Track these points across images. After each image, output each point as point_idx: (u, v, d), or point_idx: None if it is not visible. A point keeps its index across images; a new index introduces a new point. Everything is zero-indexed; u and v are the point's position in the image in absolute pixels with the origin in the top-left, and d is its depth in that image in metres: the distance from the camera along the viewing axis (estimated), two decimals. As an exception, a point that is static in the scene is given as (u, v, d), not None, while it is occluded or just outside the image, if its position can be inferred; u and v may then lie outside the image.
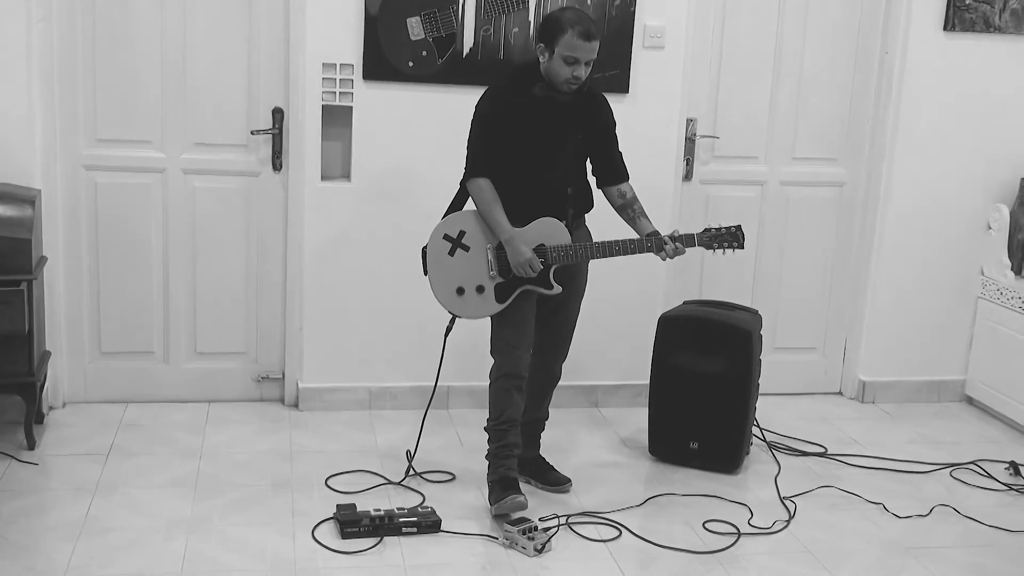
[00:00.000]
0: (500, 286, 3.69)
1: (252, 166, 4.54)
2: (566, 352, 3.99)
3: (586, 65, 3.58)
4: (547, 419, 4.06)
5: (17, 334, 3.87)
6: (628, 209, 3.79)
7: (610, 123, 3.81)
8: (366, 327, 4.62)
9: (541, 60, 3.64)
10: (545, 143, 3.68)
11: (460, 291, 3.71)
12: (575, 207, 3.75)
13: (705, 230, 3.74)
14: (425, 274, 3.77)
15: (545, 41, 3.60)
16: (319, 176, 4.48)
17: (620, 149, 3.86)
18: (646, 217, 3.79)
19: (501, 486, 3.71)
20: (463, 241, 3.70)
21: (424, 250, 3.77)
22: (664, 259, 3.70)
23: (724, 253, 3.76)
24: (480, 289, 3.70)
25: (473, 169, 3.68)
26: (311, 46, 4.34)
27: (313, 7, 4.32)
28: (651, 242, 3.68)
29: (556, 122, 3.67)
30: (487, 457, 3.82)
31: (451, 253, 3.71)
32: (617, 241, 3.68)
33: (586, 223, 3.86)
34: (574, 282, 3.84)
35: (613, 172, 3.83)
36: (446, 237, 3.72)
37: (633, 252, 3.69)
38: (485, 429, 3.84)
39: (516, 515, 3.64)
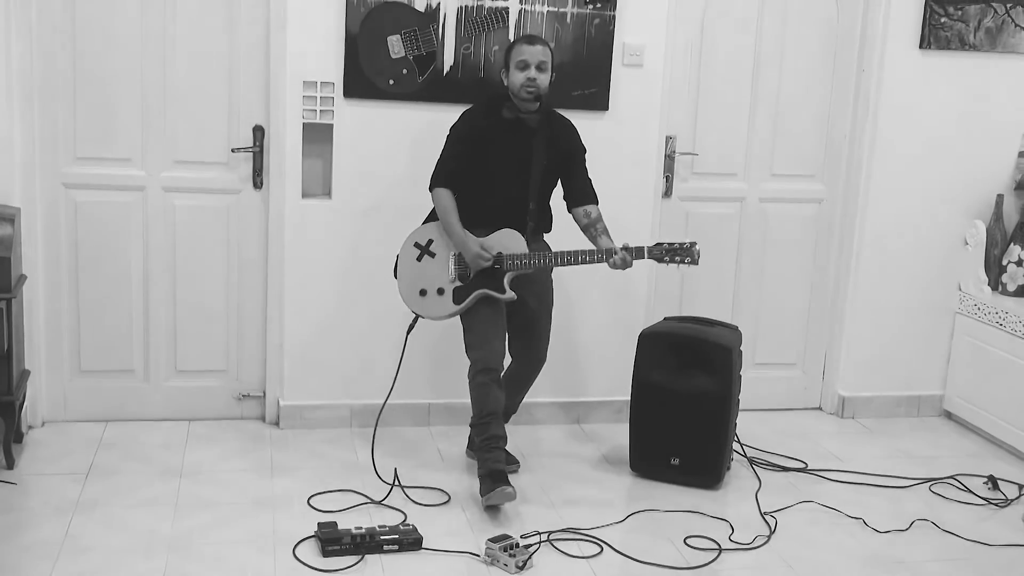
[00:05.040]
0: (458, 290, 3.99)
1: (233, 184, 4.54)
2: (544, 350, 4.22)
3: (539, 69, 3.89)
4: (515, 410, 4.34)
5: (-4, 353, 3.86)
6: (591, 228, 4.04)
7: (576, 149, 4.10)
8: (347, 345, 4.61)
9: (504, 82, 4.00)
10: (511, 161, 3.98)
11: (423, 292, 4.03)
12: (535, 221, 4.03)
13: (657, 244, 3.89)
14: (395, 278, 4.08)
15: (504, 63, 4.00)
16: (300, 193, 4.48)
17: (589, 174, 4.11)
18: (607, 236, 4.01)
19: (491, 479, 3.85)
20: (430, 248, 4.03)
21: (397, 256, 4.09)
22: (612, 268, 3.88)
23: (678, 267, 3.91)
24: (440, 291, 4.01)
25: (436, 179, 4.02)
26: (292, 64, 4.36)
27: (294, 25, 4.33)
28: (601, 253, 3.89)
29: (522, 142, 3.97)
30: (475, 452, 3.98)
31: (419, 259, 4.04)
32: (570, 251, 3.92)
33: (544, 239, 4.12)
34: (538, 295, 4.12)
35: (581, 195, 4.08)
36: (416, 244, 4.05)
37: (584, 262, 3.90)
38: (470, 425, 4.02)
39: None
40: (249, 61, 4.43)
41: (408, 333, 4.10)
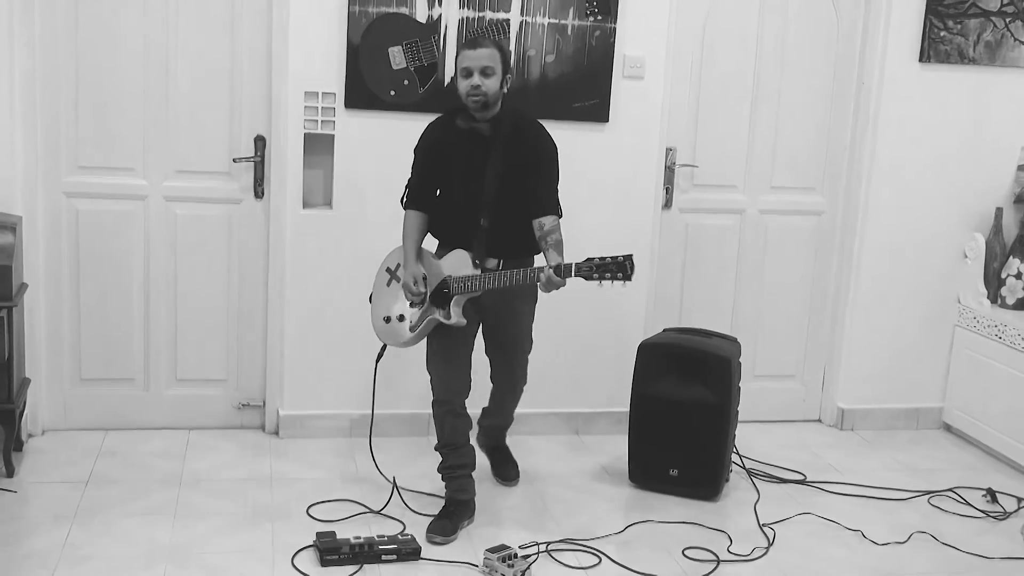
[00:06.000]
0: (413, 316, 3.84)
1: (234, 193, 4.55)
2: (518, 380, 4.10)
3: (483, 75, 3.61)
4: (510, 422, 4.27)
5: (-4, 361, 3.87)
6: (543, 241, 3.67)
7: (536, 155, 3.73)
8: (347, 354, 4.62)
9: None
10: (462, 174, 3.75)
11: (387, 319, 3.91)
12: (490, 240, 3.71)
13: (587, 260, 3.48)
14: (370, 303, 4.00)
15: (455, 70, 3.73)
16: (301, 204, 4.49)
17: (556, 183, 3.77)
18: (556, 251, 3.63)
19: (442, 509, 3.87)
20: (397, 273, 3.89)
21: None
22: (542, 290, 3.56)
23: (612, 285, 3.46)
24: (400, 318, 3.87)
25: (402, 201, 3.88)
26: (293, 74, 4.37)
27: (296, 36, 4.35)
28: (534, 272, 3.55)
29: (474, 153, 3.72)
30: (441, 476, 3.99)
31: (388, 284, 3.92)
32: (506, 271, 3.61)
33: (528, 263, 3.79)
34: (501, 318, 3.89)
35: (535, 205, 3.70)
36: (387, 270, 3.93)
37: (519, 282, 3.58)
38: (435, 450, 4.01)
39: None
40: (251, 71, 4.45)
41: (377, 360, 4.04)
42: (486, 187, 3.69)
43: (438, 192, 3.85)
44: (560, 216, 3.73)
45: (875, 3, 4.84)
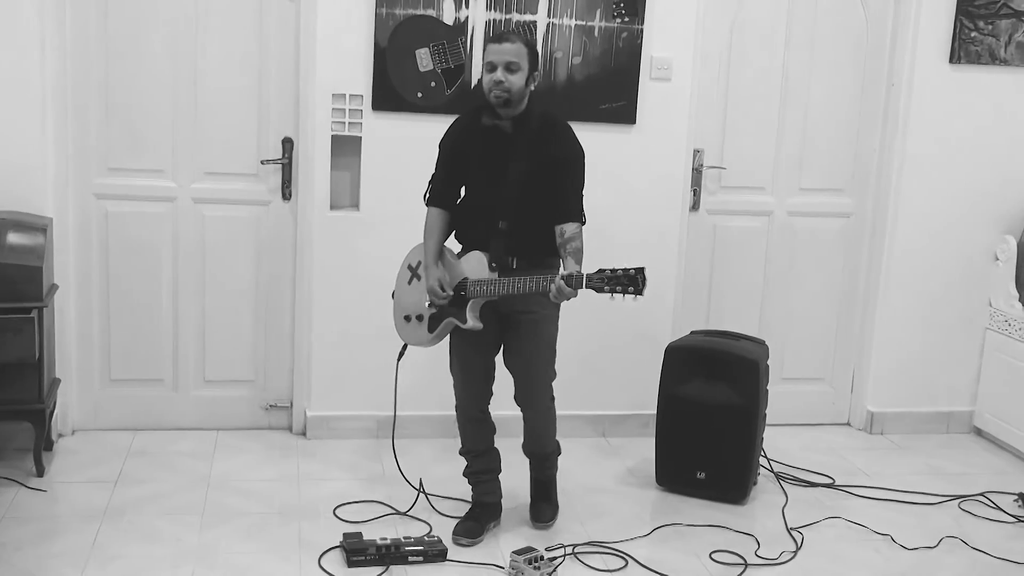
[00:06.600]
0: (432, 317, 3.73)
1: (262, 195, 4.57)
2: (537, 393, 3.82)
3: (508, 70, 3.49)
4: (547, 452, 3.94)
5: (27, 361, 3.89)
6: (562, 248, 3.56)
7: (561, 156, 3.60)
8: (374, 356, 4.63)
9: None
10: (484, 173, 3.64)
11: (407, 319, 3.83)
12: (507, 243, 3.59)
13: (599, 271, 3.36)
14: (392, 299, 3.93)
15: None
16: (328, 205, 4.51)
17: (581, 189, 3.65)
18: (574, 259, 3.52)
19: (468, 511, 3.87)
20: (418, 271, 3.79)
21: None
22: (553, 300, 3.45)
23: (623, 298, 3.35)
24: (420, 318, 3.78)
25: (425, 199, 3.77)
26: (321, 77, 4.39)
27: (323, 38, 4.36)
28: (546, 282, 3.43)
29: (497, 151, 3.60)
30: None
31: (409, 282, 3.83)
32: (521, 279, 3.50)
33: (548, 264, 3.65)
34: (517, 327, 3.71)
35: (556, 209, 3.58)
36: (409, 267, 3.85)
37: (532, 291, 3.48)
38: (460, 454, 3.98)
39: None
40: (279, 74, 4.47)
41: (399, 359, 3.93)
42: (507, 188, 3.57)
43: (462, 191, 3.76)
44: (583, 223, 3.61)
45: (905, 3, 4.80)
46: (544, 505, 3.97)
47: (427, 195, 3.77)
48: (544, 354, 3.79)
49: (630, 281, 3.31)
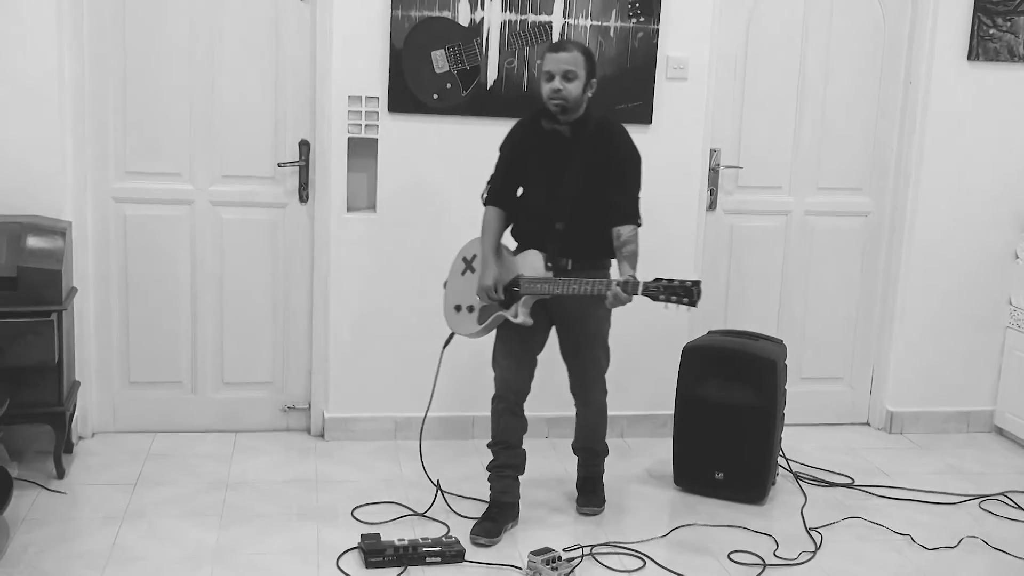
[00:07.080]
0: (483, 309, 3.83)
1: (279, 198, 4.59)
2: (591, 388, 4.00)
3: (565, 79, 3.60)
4: (598, 450, 4.13)
5: (47, 364, 3.92)
6: (618, 251, 3.67)
7: (616, 157, 3.71)
8: (392, 357, 4.64)
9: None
10: (543, 175, 3.75)
11: (458, 308, 3.90)
12: (563, 244, 3.70)
13: (656, 280, 3.49)
14: (444, 288, 3.99)
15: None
16: (345, 207, 4.52)
17: (637, 191, 3.75)
18: (630, 263, 3.63)
19: (487, 510, 3.87)
20: (472, 264, 3.88)
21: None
22: (608, 305, 3.58)
23: (676, 308, 3.48)
24: (471, 309, 3.86)
25: (484, 198, 3.86)
26: (337, 79, 4.40)
27: (339, 41, 4.37)
28: (603, 286, 3.54)
29: (556, 154, 3.72)
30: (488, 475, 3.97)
31: (463, 273, 3.91)
32: (576, 280, 3.60)
33: (601, 266, 3.79)
34: (570, 326, 3.86)
35: (613, 212, 3.68)
36: (464, 259, 3.93)
37: (587, 293, 3.57)
38: (487, 447, 3.99)
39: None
40: (295, 76, 4.48)
41: (444, 347, 3.98)
42: (564, 190, 3.69)
43: (519, 192, 3.86)
44: (639, 225, 3.70)
45: (922, 0, 4.78)
46: (593, 495, 4.10)
47: (485, 194, 3.86)
48: (599, 342, 3.95)
49: (685, 292, 3.44)
